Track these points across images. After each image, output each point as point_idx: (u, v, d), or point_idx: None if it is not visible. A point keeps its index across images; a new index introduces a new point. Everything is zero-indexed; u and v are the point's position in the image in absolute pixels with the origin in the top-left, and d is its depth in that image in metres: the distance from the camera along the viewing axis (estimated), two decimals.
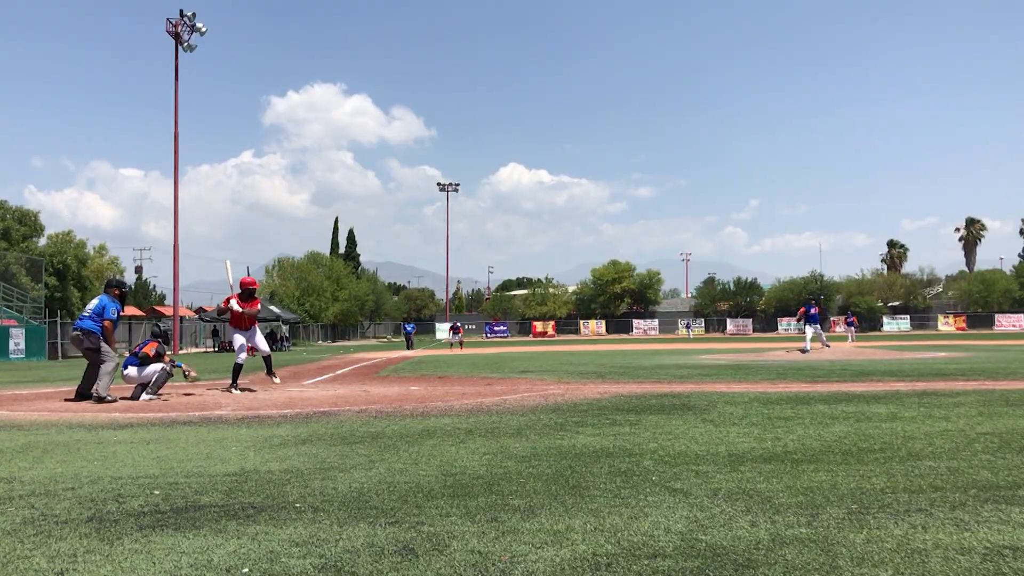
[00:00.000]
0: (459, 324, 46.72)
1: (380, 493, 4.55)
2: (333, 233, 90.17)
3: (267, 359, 13.42)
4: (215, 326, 50.51)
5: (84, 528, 3.86)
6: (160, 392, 11.01)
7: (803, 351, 23.26)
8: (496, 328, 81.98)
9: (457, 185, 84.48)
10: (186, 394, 11.47)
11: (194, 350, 49.16)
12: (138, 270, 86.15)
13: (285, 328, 51.72)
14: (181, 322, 48.26)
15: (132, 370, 11.03)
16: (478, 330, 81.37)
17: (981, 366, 15.34)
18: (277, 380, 13.31)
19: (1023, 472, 4.85)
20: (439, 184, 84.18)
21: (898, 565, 3.10)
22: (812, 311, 24.58)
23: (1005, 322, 73.73)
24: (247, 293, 12.72)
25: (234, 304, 12.45)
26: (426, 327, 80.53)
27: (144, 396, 10.68)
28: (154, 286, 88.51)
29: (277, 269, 69.45)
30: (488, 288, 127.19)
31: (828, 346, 24.63)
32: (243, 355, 12.38)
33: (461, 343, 43.37)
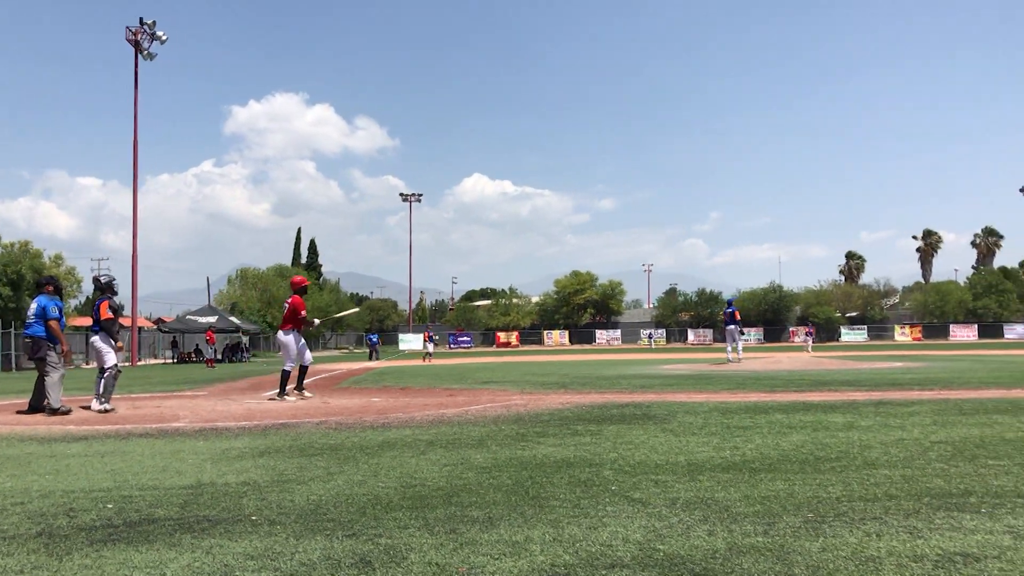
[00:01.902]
0: (431, 332, 46.50)
1: (338, 505, 4.51)
2: (295, 243, 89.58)
3: (303, 370, 12.89)
4: (174, 337, 49.88)
5: (32, 544, 3.78)
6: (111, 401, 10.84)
7: (735, 359, 23.49)
8: (460, 338, 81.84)
9: (420, 195, 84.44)
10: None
11: (153, 361, 48.47)
12: (95, 280, 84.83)
13: (246, 339, 51.20)
14: (140, 333, 47.57)
15: (96, 339, 10.94)
16: (442, 340, 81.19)
17: (936, 376, 15.58)
18: (309, 394, 12.81)
19: (975, 480, 4.93)
20: (402, 194, 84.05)
21: (852, 573, 3.13)
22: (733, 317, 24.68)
23: (959, 332, 75.07)
24: (304, 289, 12.68)
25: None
26: (390, 338, 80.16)
27: (96, 406, 10.49)
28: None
29: (239, 280, 68.79)
30: (452, 299, 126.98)
31: (738, 360, 24.23)
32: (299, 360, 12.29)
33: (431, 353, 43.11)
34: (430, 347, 43.26)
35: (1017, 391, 11.40)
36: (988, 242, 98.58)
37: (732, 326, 24.67)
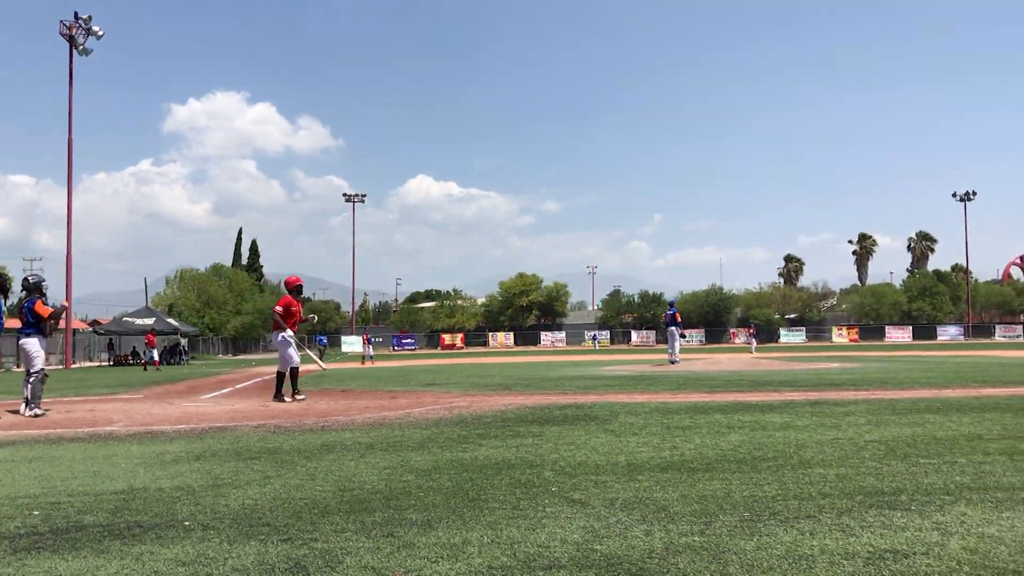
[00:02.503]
0: (369, 335, 46.11)
1: (274, 510, 4.44)
2: (236, 244, 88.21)
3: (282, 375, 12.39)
4: (110, 339, 48.79)
5: None
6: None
7: (673, 361, 23.76)
8: (404, 340, 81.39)
9: (364, 196, 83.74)
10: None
11: (88, 364, 47.33)
12: (24, 281, 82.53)
13: (184, 341, 50.28)
14: (74, 335, 46.43)
15: (33, 341, 10.54)
16: (385, 343, 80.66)
17: (871, 376, 15.92)
18: (300, 396, 12.29)
19: (906, 478, 5.03)
20: (345, 195, 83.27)
21: (786, 571, 3.17)
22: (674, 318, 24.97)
23: (894, 334, 76.86)
24: (297, 290, 12.40)
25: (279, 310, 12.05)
26: (332, 340, 79.34)
27: (26, 412, 10.19)
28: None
29: (178, 281, 67.53)
30: (396, 300, 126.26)
31: (675, 361, 24.41)
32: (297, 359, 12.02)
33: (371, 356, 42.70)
34: (369, 350, 42.91)
35: (949, 391, 11.70)
36: (922, 246, 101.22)
37: (673, 327, 24.93)
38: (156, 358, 35.84)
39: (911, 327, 77.65)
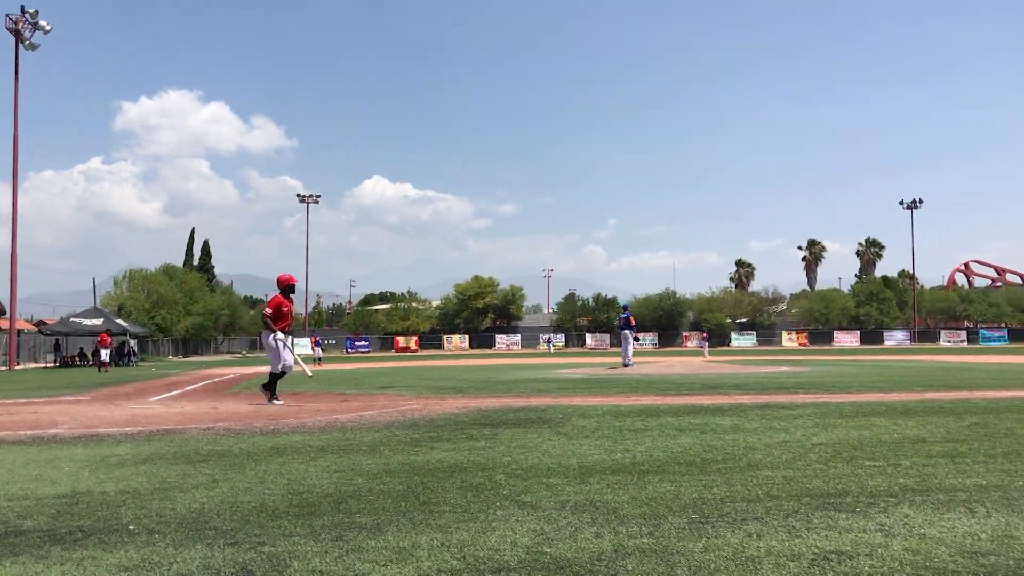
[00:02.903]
0: (318, 337, 45.70)
1: (221, 513, 4.38)
2: (188, 244, 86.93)
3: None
4: (57, 340, 47.78)
5: None
6: None
7: (626, 365, 23.90)
8: (357, 343, 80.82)
9: (318, 197, 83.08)
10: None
11: (33, 365, 46.28)
12: None
13: (133, 342, 49.41)
14: (19, 336, 45.36)
15: None
16: (339, 345, 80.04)
17: (819, 380, 16.17)
18: (277, 402, 11.84)
19: (851, 480, 5.12)
20: (299, 195, 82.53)
21: (732, 572, 3.21)
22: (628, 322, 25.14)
23: (843, 338, 78.15)
24: (289, 289, 12.07)
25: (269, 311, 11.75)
26: None
27: None
28: None
29: (127, 281, 66.32)
30: (350, 302, 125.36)
31: (629, 364, 24.53)
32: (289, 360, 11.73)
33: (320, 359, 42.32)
34: (318, 352, 42.50)
35: (894, 395, 11.92)
36: (870, 252, 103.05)
37: (626, 331, 25.08)
38: (106, 359, 35.18)
39: (859, 332, 78.98)
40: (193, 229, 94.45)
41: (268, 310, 11.75)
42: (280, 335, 11.66)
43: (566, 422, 8.66)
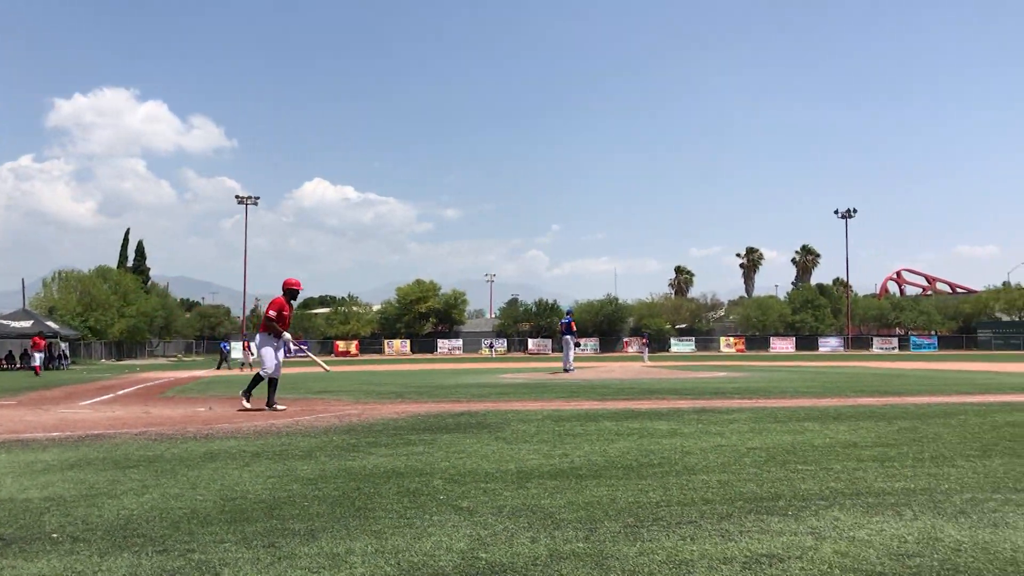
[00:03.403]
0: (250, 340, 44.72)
1: (150, 520, 4.28)
2: (122, 245, 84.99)
3: (258, 379, 11.76)
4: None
5: None
6: None
7: (567, 370, 24.02)
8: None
9: (257, 198, 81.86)
10: None
11: None
12: None
13: (64, 345, 48.12)
14: None
15: None
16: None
17: (755, 385, 16.41)
18: (248, 404, 11.54)
19: (784, 484, 5.20)
20: (238, 197, 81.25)
21: None
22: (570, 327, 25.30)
23: (779, 344, 79.58)
24: (291, 294, 11.85)
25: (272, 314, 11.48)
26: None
27: None
28: None
29: (57, 282, 64.58)
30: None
31: (570, 369, 24.66)
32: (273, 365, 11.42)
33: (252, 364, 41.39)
34: (250, 356, 41.61)
35: (827, 400, 12.15)
36: (806, 260, 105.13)
37: (568, 336, 25.20)
38: (37, 363, 34.19)
39: (794, 338, 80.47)
40: (128, 230, 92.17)
41: (272, 312, 11.49)
42: (287, 336, 11.51)
43: (506, 427, 8.66)
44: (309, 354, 12.09)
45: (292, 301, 11.86)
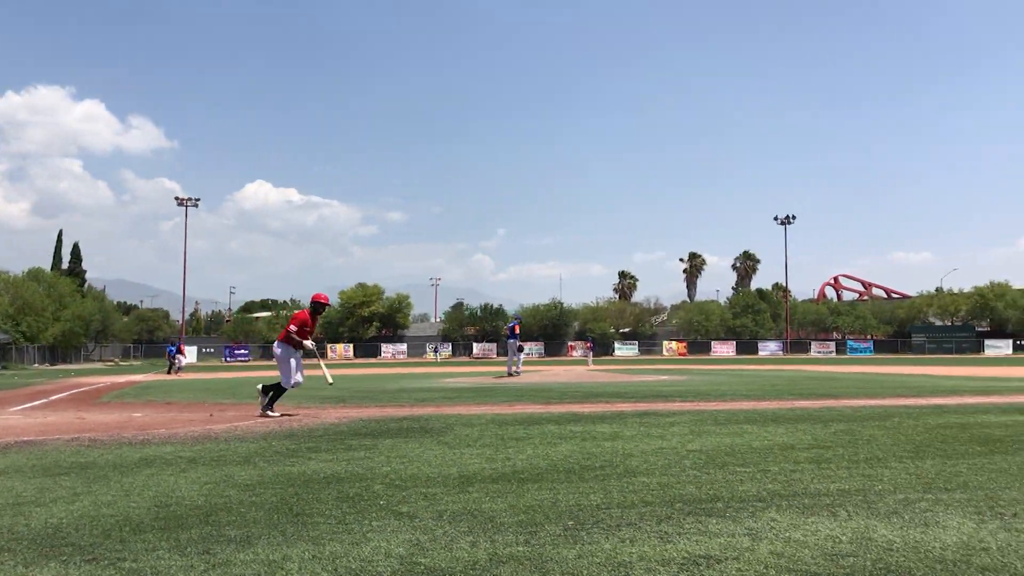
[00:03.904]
0: (178, 343, 43.82)
1: (80, 528, 4.16)
2: (56, 247, 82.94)
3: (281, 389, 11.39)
4: None
5: None
6: None
7: (515, 373, 24.07)
8: (237, 351, 78.67)
9: (197, 200, 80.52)
10: None
11: None
12: None
13: None
14: None
15: None
16: (217, 354, 77.77)
17: (696, 388, 16.61)
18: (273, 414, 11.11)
19: (723, 486, 5.26)
20: (178, 199, 79.82)
21: None
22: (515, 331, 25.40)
23: (720, 348, 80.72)
24: (318, 308, 11.47)
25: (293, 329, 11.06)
26: (159, 350, 75.71)
27: None
28: None
29: None
30: (229, 309, 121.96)
31: (516, 373, 24.81)
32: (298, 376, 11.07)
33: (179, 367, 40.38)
34: (181, 360, 40.73)
35: (766, 403, 12.34)
36: (747, 265, 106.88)
37: (512, 340, 25.25)
38: None
39: (735, 342, 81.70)
40: (61, 231, 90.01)
41: (293, 327, 11.13)
42: (310, 343, 11.21)
43: (448, 431, 8.62)
44: (320, 363, 11.91)
45: (317, 316, 11.63)
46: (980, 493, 4.94)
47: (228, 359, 76.68)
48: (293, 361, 11.08)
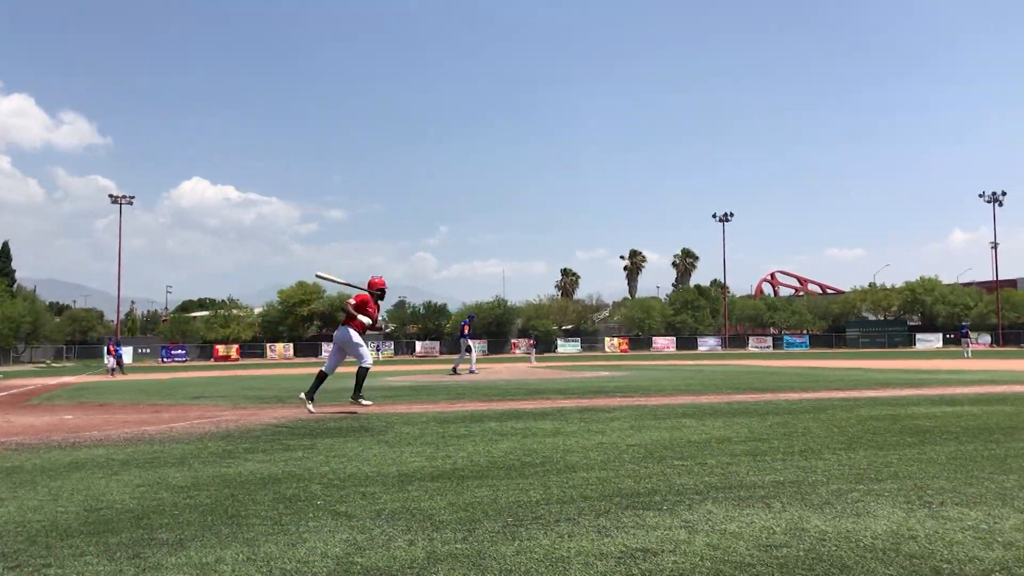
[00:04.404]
0: (114, 342, 42.62)
1: (4, 535, 4.04)
2: None
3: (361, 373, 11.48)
4: None
5: None
6: None
7: (460, 371, 24.07)
8: (174, 352, 77.18)
9: (132, 198, 78.75)
10: None
11: None
12: None
13: None
14: None
15: None
16: (153, 354, 76.20)
17: (637, 384, 16.76)
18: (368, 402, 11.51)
19: (661, 479, 5.30)
20: (112, 196, 78.01)
21: (543, 574, 3.23)
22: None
23: (661, 344, 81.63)
24: (380, 294, 11.46)
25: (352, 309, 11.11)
26: (93, 351, 73.94)
27: None
28: None
29: None
30: (166, 309, 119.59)
31: (465, 371, 24.87)
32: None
33: (116, 369, 39.42)
34: (111, 362, 39.64)
35: (704, 397, 12.50)
36: (686, 262, 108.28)
37: (463, 339, 25.24)
38: None
39: (675, 338, 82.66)
40: None
41: (351, 302, 11.25)
42: (354, 330, 11.23)
43: (389, 430, 8.56)
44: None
45: (380, 301, 11.55)
46: (909, 483, 5.06)
47: (165, 359, 75.17)
48: (364, 344, 11.29)
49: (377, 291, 11.68)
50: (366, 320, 11.27)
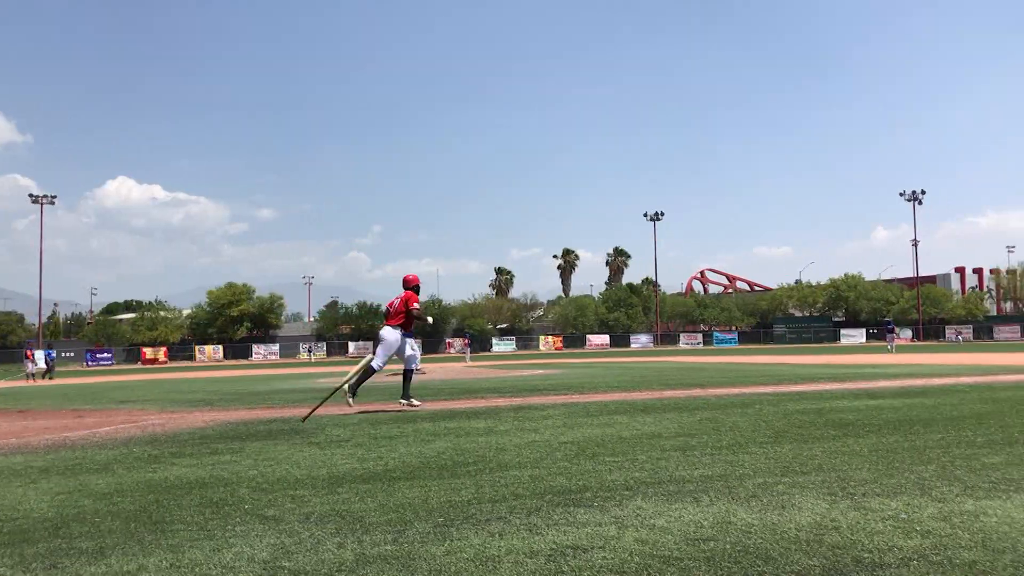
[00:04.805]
0: (44, 346, 41.28)
1: None
2: None
3: (408, 375, 11.29)
4: None
5: None
6: None
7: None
8: (99, 355, 75.14)
9: (54, 198, 76.44)
10: None
11: None
12: None
13: None
14: None
15: None
16: (77, 358, 74.07)
17: (570, 382, 16.87)
18: (417, 403, 11.14)
19: (592, 476, 5.34)
20: (32, 196, 75.60)
21: (472, 574, 3.23)
22: None
23: (595, 341, 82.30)
24: (416, 289, 11.18)
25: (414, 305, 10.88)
26: (12, 355, 71.54)
27: None
28: None
29: None
30: (91, 312, 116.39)
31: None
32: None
33: (41, 374, 38.09)
34: (30, 366, 38.25)
35: (636, 394, 12.64)
36: (619, 261, 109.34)
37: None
38: None
39: (609, 335, 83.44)
40: None
41: (416, 305, 11.07)
42: (402, 332, 11.10)
43: (319, 432, 8.46)
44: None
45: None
46: (833, 475, 5.19)
47: (90, 363, 73.14)
48: (409, 343, 11.19)
49: (416, 287, 11.59)
50: (400, 318, 11.30)
